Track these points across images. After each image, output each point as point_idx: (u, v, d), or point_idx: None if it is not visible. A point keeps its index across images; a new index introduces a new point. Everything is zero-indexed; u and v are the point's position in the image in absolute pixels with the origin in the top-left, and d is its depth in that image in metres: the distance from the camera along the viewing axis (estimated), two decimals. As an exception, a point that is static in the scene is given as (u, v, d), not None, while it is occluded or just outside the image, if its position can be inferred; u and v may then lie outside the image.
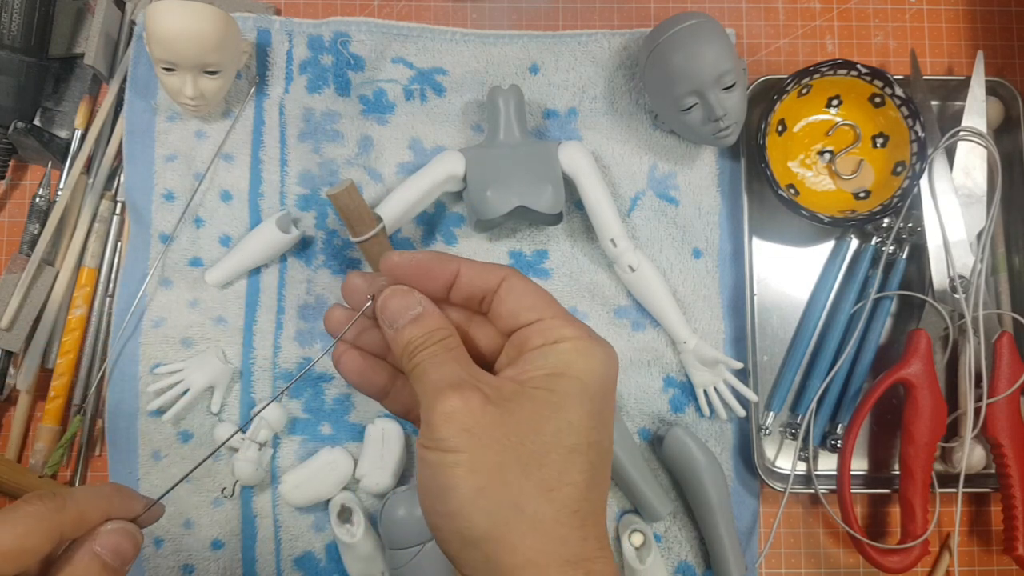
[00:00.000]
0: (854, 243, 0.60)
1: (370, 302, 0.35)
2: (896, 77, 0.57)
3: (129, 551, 0.34)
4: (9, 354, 0.57)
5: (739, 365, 0.57)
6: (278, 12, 0.62)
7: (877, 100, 0.58)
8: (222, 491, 0.56)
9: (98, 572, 0.33)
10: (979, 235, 0.58)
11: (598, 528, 0.32)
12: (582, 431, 0.32)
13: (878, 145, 0.59)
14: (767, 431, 0.58)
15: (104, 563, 0.33)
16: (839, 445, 0.57)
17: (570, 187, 0.57)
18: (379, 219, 0.54)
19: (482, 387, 0.32)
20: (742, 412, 0.57)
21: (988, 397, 0.55)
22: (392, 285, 0.35)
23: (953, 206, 0.58)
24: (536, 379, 0.32)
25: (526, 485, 0.30)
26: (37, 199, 0.58)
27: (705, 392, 0.58)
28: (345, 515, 0.55)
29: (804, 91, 0.58)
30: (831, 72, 0.57)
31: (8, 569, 0.31)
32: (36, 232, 0.58)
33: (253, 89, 0.60)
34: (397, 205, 0.55)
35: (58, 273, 0.58)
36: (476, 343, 0.36)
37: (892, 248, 0.59)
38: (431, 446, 0.31)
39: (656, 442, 0.58)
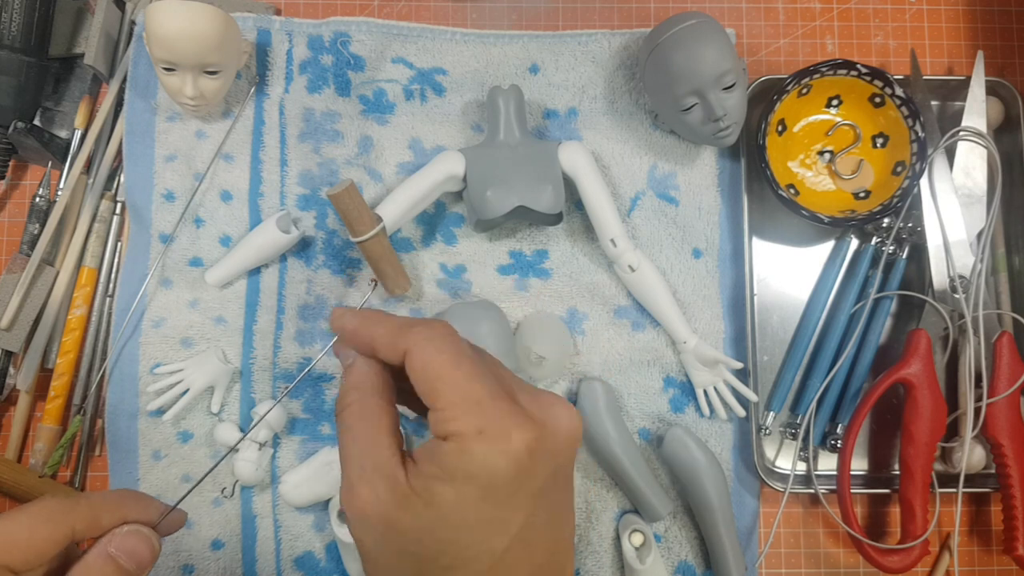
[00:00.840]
0: (854, 243, 0.60)
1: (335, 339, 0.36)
2: (896, 77, 0.57)
3: (145, 555, 0.34)
4: (9, 354, 0.57)
5: (739, 365, 0.57)
6: (278, 12, 0.62)
7: (877, 100, 0.58)
8: (222, 491, 0.56)
9: (112, 574, 0.33)
10: (979, 235, 0.58)
11: None
12: (456, 549, 0.30)
13: (878, 145, 0.59)
14: (767, 431, 0.58)
15: (119, 565, 0.33)
16: (839, 445, 0.57)
17: (570, 187, 0.57)
18: (379, 219, 0.54)
19: (376, 486, 0.30)
20: (742, 412, 0.57)
21: (988, 397, 0.55)
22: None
23: (953, 206, 0.58)
24: (422, 483, 0.30)
25: None
26: (37, 199, 0.58)
27: (705, 392, 0.58)
28: (345, 515, 0.55)
29: (804, 91, 0.58)
30: (831, 72, 0.57)
31: (15, 560, 0.31)
32: (36, 232, 0.58)
33: (253, 89, 0.60)
34: (397, 205, 0.55)
35: (58, 273, 0.58)
36: None
37: (892, 248, 0.59)
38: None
39: (656, 442, 0.58)
